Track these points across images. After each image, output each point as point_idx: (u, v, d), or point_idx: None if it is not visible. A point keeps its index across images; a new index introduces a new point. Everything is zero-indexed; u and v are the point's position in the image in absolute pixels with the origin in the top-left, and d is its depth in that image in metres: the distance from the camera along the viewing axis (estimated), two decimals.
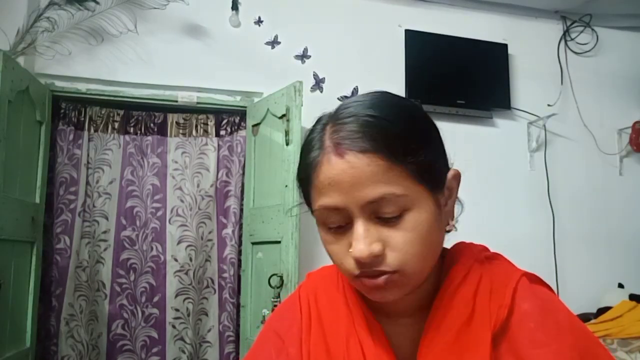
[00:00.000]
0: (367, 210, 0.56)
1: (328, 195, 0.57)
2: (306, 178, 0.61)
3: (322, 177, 0.57)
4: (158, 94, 2.69)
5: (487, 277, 0.63)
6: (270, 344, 0.67)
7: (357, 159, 0.55)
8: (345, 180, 0.56)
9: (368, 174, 0.55)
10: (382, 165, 0.55)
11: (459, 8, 3.09)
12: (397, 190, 0.55)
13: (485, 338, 0.58)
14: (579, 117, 3.16)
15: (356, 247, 0.56)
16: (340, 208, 0.57)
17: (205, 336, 2.72)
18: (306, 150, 0.61)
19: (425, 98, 2.92)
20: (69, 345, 2.53)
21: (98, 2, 2.51)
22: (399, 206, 0.56)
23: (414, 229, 0.57)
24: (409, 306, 0.64)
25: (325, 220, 0.59)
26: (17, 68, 2.25)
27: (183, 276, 2.67)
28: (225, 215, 2.79)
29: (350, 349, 0.62)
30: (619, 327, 2.49)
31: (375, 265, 0.56)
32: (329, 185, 0.57)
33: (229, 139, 2.84)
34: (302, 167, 0.62)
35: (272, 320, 0.71)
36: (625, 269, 3.05)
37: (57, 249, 2.56)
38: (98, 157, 2.69)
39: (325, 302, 0.68)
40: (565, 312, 0.62)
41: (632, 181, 3.21)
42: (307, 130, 0.66)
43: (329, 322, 0.65)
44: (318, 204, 0.59)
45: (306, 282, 0.73)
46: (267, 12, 2.79)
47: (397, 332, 0.65)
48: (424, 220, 0.57)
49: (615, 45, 3.32)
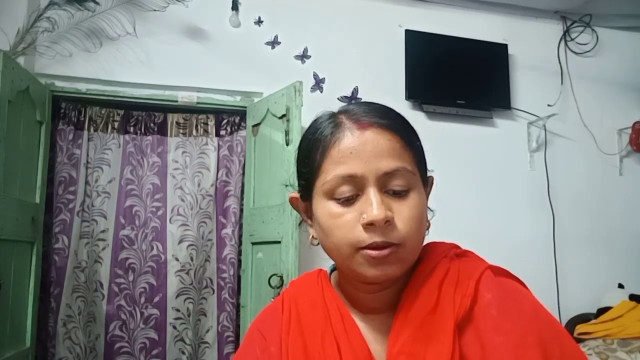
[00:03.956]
0: (381, 182, 0.61)
1: (347, 163, 0.61)
2: (318, 150, 0.64)
3: (343, 147, 0.62)
4: (158, 94, 2.69)
5: (454, 271, 0.65)
6: (256, 343, 0.71)
7: (378, 133, 0.62)
8: (367, 150, 0.61)
9: (388, 147, 0.62)
10: (399, 143, 0.63)
11: (459, 8, 3.09)
12: (409, 167, 0.63)
13: (449, 327, 0.60)
14: (579, 117, 3.16)
15: (372, 211, 0.59)
16: (357, 177, 0.61)
17: (203, 337, 2.71)
18: (315, 133, 0.66)
19: (425, 98, 2.93)
20: (66, 347, 2.51)
21: (98, 2, 2.51)
22: (408, 182, 0.62)
23: (416, 207, 0.62)
24: (384, 302, 0.67)
25: (335, 191, 0.62)
26: (17, 68, 2.25)
27: (184, 276, 2.67)
28: (225, 215, 2.79)
29: (326, 345, 0.65)
30: (619, 327, 2.49)
31: (385, 233, 0.60)
32: (350, 154, 0.61)
33: (229, 139, 2.84)
34: (312, 144, 0.66)
35: (258, 322, 0.75)
36: (625, 269, 3.05)
37: (55, 248, 2.56)
38: (97, 157, 2.69)
39: (304, 303, 0.71)
40: (530, 301, 0.64)
41: (632, 181, 3.20)
42: (309, 126, 0.69)
43: (307, 322, 0.68)
44: (333, 174, 0.62)
45: (289, 288, 0.76)
46: (267, 12, 2.79)
47: (372, 328, 0.67)
48: (423, 203, 0.64)
49: (615, 45, 3.32)
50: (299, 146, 0.70)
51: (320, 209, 0.65)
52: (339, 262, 0.66)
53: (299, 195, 0.71)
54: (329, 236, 0.64)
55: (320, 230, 0.66)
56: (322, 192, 0.64)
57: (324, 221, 0.64)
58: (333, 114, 0.67)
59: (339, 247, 0.63)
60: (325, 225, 0.64)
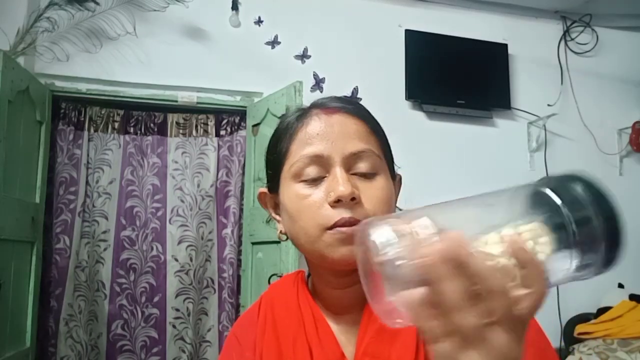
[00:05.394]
0: (347, 163, 0.62)
1: (314, 144, 0.62)
2: (285, 136, 0.66)
3: (310, 129, 0.63)
4: (158, 94, 2.69)
5: None
6: (232, 348, 0.71)
7: (345, 118, 0.64)
8: (333, 132, 0.63)
9: (354, 130, 0.63)
10: (366, 129, 0.64)
11: (459, 8, 3.09)
12: (376, 150, 0.64)
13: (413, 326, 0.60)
14: (579, 117, 3.16)
15: (338, 187, 0.59)
16: (324, 157, 0.62)
17: (205, 336, 2.72)
18: (283, 122, 0.68)
19: (425, 98, 2.93)
20: (68, 346, 2.53)
21: (98, 2, 2.51)
22: (374, 166, 0.63)
23: (383, 189, 0.63)
24: (354, 299, 0.66)
25: (302, 173, 0.63)
26: (17, 68, 2.25)
27: (183, 276, 2.67)
28: (225, 215, 2.79)
29: (297, 349, 0.64)
30: (619, 327, 2.49)
31: (353, 210, 0.60)
32: (317, 135, 0.63)
33: (229, 139, 2.84)
34: (280, 132, 0.67)
35: (235, 327, 0.75)
36: (625, 269, 3.02)
37: (57, 249, 2.56)
38: (98, 157, 2.69)
39: (280, 307, 0.70)
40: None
41: (632, 181, 3.20)
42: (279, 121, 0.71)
43: (282, 326, 0.68)
44: (300, 154, 0.63)
45: (267, 292, 0.76)
46: (267, 12, 2.79)
47: (344, 329, 0.67)
48: (390, 188, 0.64)
49: (615, 45, 3.32)
50: (269, 140, 0.70)
51: (288, 193, 0.64)
52: (308, 249, 0.64)
53: (266, 189, 0.71)
54: (297, 220, 0.63)
55: (288, 218, 0.65)
56: (289, 176, 0.64)
57: (291, 205, 0.64)
58: (301, 107, 0.69)
59: (306, 230, 0.62)
60: (292, 209, 0.63)
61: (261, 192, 0.72)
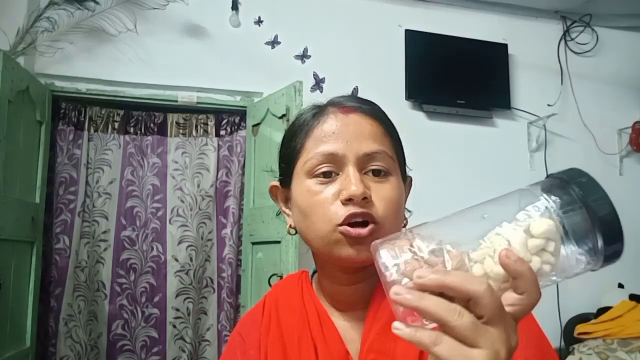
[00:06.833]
0: (361, 163, 0.63)
1: (329, 142, 0.63)
2: (301, 133, 0.66)
3: (326, 127, 0.64)
4: (158, 94, 2.69)
5: None
6: (236, 346, 0.72)
7: (361, 118, 0.65)
8: (349, 131, 0.63)
9: (370, 131, 0.64)
10: (380, 130, 0.66)
11: (459, 8, 3.09)
12: (389, 151, 0.65)
13: None
14: (579, 117, 3.16)
15: (350, 187, 0.60)
16: (338, 155, 0.62)
17: (204, 335, 2.73)
18: (299, 119, 0.68)
19: (425, 98, 2.93)
20: (68, 346, 2.53)
21: (98, 2, 2.51)
22: (388, 166, 0.64)
23: (395, 190, 0.64)
24: (360, 296, 0.67)
25: (315, 170, 0.63)
26: (17, 68, 2.25)
27: (183, 276, 2.68)
28: (224, 215, 2.80)
29: (302, 348, 0.65)
30: (619, 327, 2.49)
31: (364, 209, 0.60)
32: (333, 134, 0.64)
33: (228, 139, 2.84)
34: (296, 128, 0.68)
35: (239, 325, 0.76)
36: (625, 269, 3.04)
37: (57, 249, 2.56)
38: (98, 157, 2.69)
39: (284, 305, 0.71)
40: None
41: (632, 181, 3.20)
42: (295, 117, 0.71)
43: (287, 324, 0.68)
44: (315, 152, 0.64)
45: (270, 291, 0.77)
46: (267, 12, 2.79)
47: (350, 326, 0.67)
48: (401, 190, 0.65)
49: (615, 45, 3.32)
50: (284, 134, 0.71)
51: (300, 189, 0.65)
52: (316, 245, 0.64)
53: (278, 182, 0.72)
54: (308, 216, 0.63)
55: (299, 213, 0.66)
56: (303, 171, 0.64)
57: (303, 200, 0.64)
58: (317, 104, 0.69)
59: (316, 225, 0.62)
60: (303, 204, 0.64)
61: (273, 185, 0.73)
